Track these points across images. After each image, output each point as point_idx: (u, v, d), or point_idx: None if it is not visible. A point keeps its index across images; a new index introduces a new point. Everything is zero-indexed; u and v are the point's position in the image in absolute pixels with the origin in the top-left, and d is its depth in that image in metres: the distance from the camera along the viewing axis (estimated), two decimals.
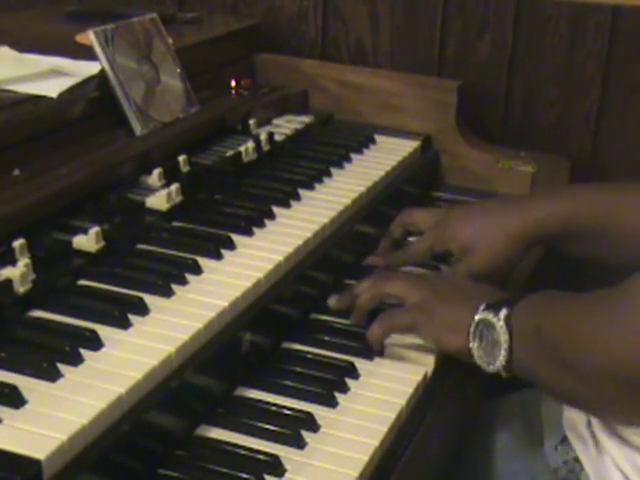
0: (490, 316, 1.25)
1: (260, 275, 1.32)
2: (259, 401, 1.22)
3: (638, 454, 1.22)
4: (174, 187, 1.46)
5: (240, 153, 1.65)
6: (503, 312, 1.24)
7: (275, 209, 1.52)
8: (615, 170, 2.05)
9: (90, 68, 1.56)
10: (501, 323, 1.23)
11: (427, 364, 1.33)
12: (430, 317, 1.33)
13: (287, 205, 1.55)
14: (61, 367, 1.06)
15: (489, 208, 1.56)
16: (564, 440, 1.36)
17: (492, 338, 1.25)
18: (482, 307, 1.27)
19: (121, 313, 1.17)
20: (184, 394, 1.15)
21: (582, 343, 1.14)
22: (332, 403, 1.23)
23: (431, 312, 1.33)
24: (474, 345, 1.27)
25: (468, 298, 1.32)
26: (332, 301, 1.45)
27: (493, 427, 1.49)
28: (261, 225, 1.47)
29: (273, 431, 1.15)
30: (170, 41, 1.70)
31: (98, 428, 1.00)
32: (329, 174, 1.71)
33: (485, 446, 1.48)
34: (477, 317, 1.26)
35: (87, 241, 1.29)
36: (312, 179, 1.66)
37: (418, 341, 1.36)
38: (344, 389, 1.26)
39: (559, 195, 1.52)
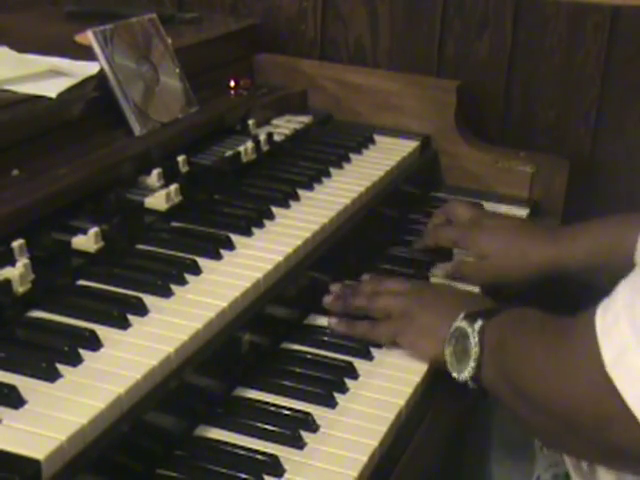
0: (465, 325, 1.25)
1: (259, 275, 1.32)
2: (258, 401, 1.22)
3: None
4: (173, 187, 1.46)
5: (239, 153, 1.65)
6: (478, 323, 1.23)
7: (274, 209, 1.52)
8: (614, 170, 2.05)
9: (89, 68, 1.56)
10: (475, 334, 1.23)
11: (426, 365, 1.33)
12: (409, 324, 1.35)
13: (286, 205, 1.55)
14: (60, 367, 1.06)
15: (517, 231, 1.60)
16: None
17: (464, 347, 1.24)
18: (461, 315, 1.27)
19: (120, 313, 1.17)
20: (183, 394, 1.15)
21: (530, 373, 1.12)
22: (331, 403, 1.23)
23: (411, 319, 1.35)
24: (447, 351, 1.28)
25: (450, 307, 1.33)
26: (326, 300, 1.45)
27: (487, 429, 1.49)
28: (260, 225, 1.47)
29: (272, 431, 1.16)
30: (169, 41, 1.70)
31: (97, 428, 1.00)
32: (328, 174, 1.71)
33: (479, 448, 1.48)
34: (454, 325, 1.27)
35: (86, 241, 1.29)
36: (311, 179, 1.66)
37: None
38: (343, 389, 1.26)
39: (579, 232, 1.55)
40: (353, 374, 1.29)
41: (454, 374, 1.27)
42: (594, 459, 1.15)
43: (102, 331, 1.13)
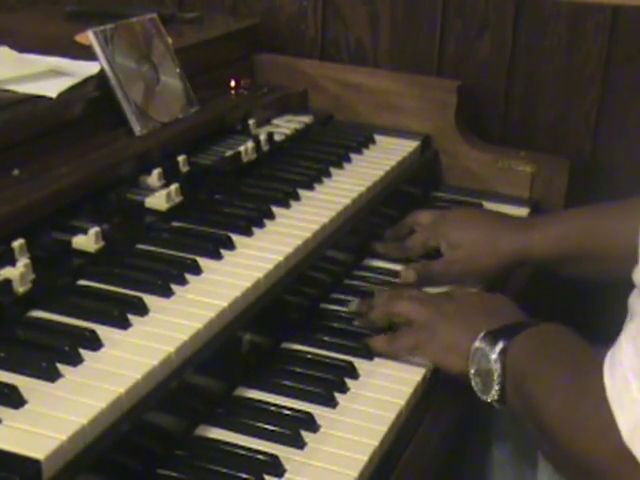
0: (487, 347, 1.23)
1: (260, 275, 1.32)
2: (259, 401, 1.22)
3: None
4: (174, 187, 1.46)
5: (240, 153, 1.65)
6: (499, 346, 1.21)
7: (275, 209, 1.52)
8: (615, 170, 2.05)
9: (89, 68, 1.56)
10: (495, 357, 1.21)
11: (427, 365, 1.33)
12: (432, 338, 1.33)
13: (287, 205, 1.55)
14: (61, 367, 1.06)
15: (484, 220, 1.60)
16: None
17: (487, 370, 1.23)
18: (482, 334, 1.24)
19: (121, 313, 1.17)
20: (184, 394, 1.15)
21: (550, 419, 1.09)
22: (332, 403, 1.23)
23: (433, 333, 1.33)
24: (472, 371, 1.26)
25: (471, 321, 1.30)
26: (352, 305, 1.45)
27: (488, 435, 1.49)
28: (261, 225, 1.47)
29: (273, 431, 1.16)
30: (170, 41, 1.70)
31: (98, 428, 1.00)
32: (329, 174, 1.71)
33: (481, 454, 1.48)
34: (475, 345, 1.25)
35: (87, 241, 1.29)
36: (312, 179, 1.66)
37: None
38: (344, 389, 1.26)
39: (550, 222, 1.55)
40: (353, 374, 1.29)
41: (479, 395, 1.25)
42: None
43: (102, 331, 1.13)
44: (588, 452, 1.02)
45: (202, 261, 1.33)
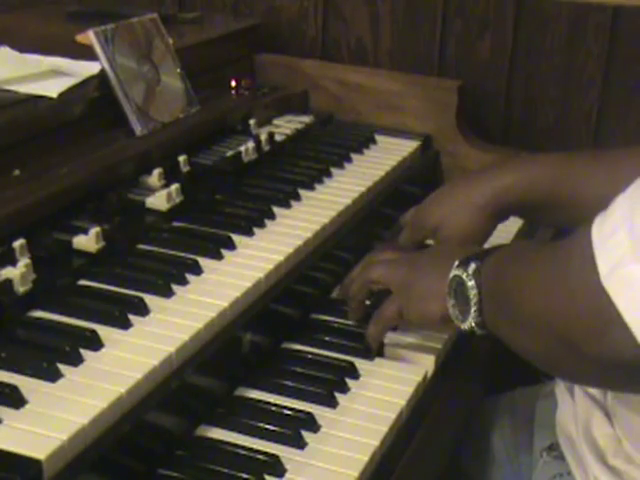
0: (460, 272, 1.19)
1: (260, 275, 1.32)
2: (259, 401, 1.22)
3: None
4: (174, 187, 1.47)
5: (240, 153, 1.66)
6: (472, 266, 1.18)
7: (275, 209, 1.52)
8: None
9: (90, 68, 1.56)
10: (470, 277, 1.17)
11: (427, 364, 1.33)
12: (409, 294, 1.30)
13: (287, 205, 1.55)
14: (61, 367, 1.06)
15: (454, 186, 1.53)
16: (552, 447, 1.34)
17: (463, 294, 1.19)
18: (455, 264, 1.21)
19: (121, 313, 1.17)
20: (184, 394, 1.16)
21: (526, 292, 1.06)
22: (332, 403, 1.23)
23: (410, 289, 1.30)
24: (450, 304, 1.22)
25: (445, 261, 1.26)
26: (336, 292, 1.47)
27: (484, 431, 1.48)
28: (261, 225, 1.47)
29: (273, 431, 1.16)
30: (170, 41, 1.70)
31: (98, 428, 1.00)
32: (329, 174, 1.71)
33: (477, 451, 1.48)
34: (450, 276, 1.21)
35: (87, 241, 1.29)
36: (312, 179, 1.66)
37: (418, 341, 1.37)
38: (344, 389, 1.26)
39: (521, 165, 1.48)
40: (354, 374, 1.29)
41: (459, 325, 1.21)
42: (592, 379, 1.09)
43: (103, 331, 1.14)
44: (565, 303, 0.98)
45: (203, 261, 1.33)
